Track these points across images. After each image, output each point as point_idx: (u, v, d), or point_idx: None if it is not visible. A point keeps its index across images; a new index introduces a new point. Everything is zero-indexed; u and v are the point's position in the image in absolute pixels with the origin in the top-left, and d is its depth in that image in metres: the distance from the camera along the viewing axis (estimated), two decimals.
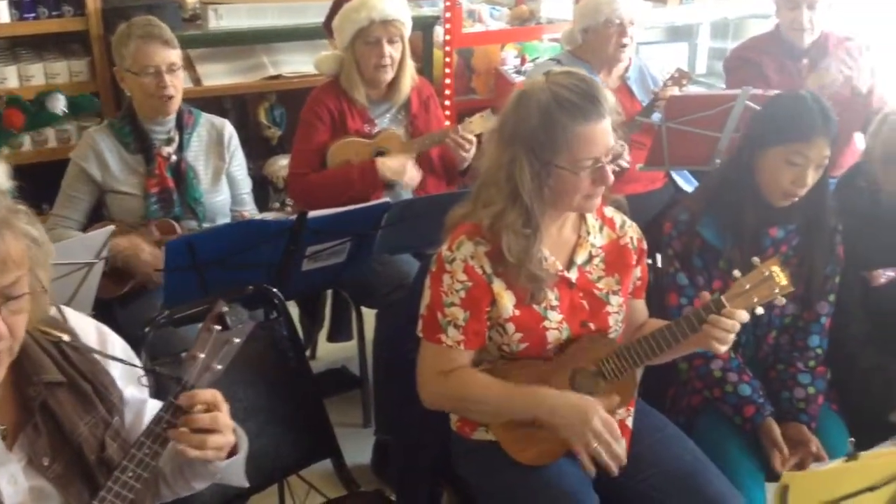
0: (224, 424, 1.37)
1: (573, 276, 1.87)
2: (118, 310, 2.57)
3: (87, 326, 1.48)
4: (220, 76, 3.92)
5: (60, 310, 1.45)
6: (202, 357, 1.37)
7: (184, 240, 2.33)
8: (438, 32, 4.13)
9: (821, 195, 2.09)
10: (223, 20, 3.81)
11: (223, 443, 1.38)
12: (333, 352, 3.45)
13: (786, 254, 2.12)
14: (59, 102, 3.59)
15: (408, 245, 2.83)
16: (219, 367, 1.38)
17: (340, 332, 3.35)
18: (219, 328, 1.39)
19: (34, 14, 3.64)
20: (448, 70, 4.06)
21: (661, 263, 2.20)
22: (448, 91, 4.06)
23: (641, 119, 2.96)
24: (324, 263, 2.57)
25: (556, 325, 1.85)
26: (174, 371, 1.37)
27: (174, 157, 2.68)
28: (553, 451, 1.85)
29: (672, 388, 2.25)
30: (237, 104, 4.13)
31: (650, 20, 4.30)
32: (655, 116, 2.94)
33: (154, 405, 1.48)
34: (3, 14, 3.56)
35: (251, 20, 3.87)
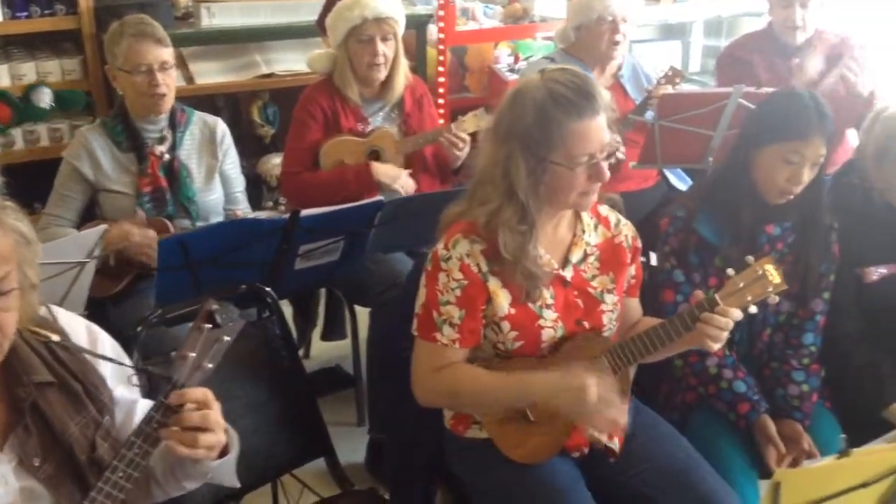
0: (215, 423, 1.37)
1: (568, 275, 1.87)
2: (111, 309, 2.56)
3: (78, 326, 1.48)
4: (213, 74, 3.91)
5: (50, 309, 1.45)
6: (192, 356, 1.36)
7: (176, 238, 2.33)
8: (432, 30, 4.12)
9: (817, 193, 2.09)
10: (216, 18, 3.81)
11: (214, 441, 1.38)
12: (327, 351, 3.45)
13: (781, 251, 2.12)
14: (46, 96, 3.59)
15: (401, 244, 2.82)
16: (209, 366, 1.38)
17: (334, 331, 3.34)
18: (209, 326, 1.39)
19: (26, 13, 3.63)
20: (441, 68, 4.05)
21: (657, 260, 2.20)
22: (442, 89, 4.06)
23: (634, 117, 2.96)
24: (317, 262, 2.57)
25: (551, 324, 1.85)
26: (165, 370, 1.37)
27: (167, 156, 2.67)
28: (546, 449, 1.86)
29: (665, 385, 2.25)
30: (230, 102, 4.13)
31: (643, 18, 4.30)
32: (648, 115, 2.94)
33: (145, 405, 1.48)
34: None
35: (244, 18, 3.87)
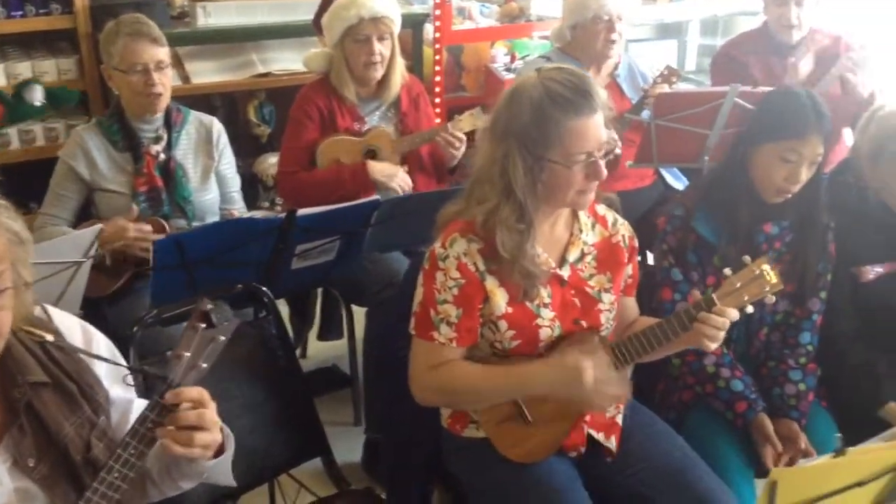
0: (211, 422, 1.37)
1: (565, 274, 1.88)
2: (107, 309, 2.56)
3: (73, 326, 1.48)
4: (209, 74, 3.90)
5: (45, 309, 1.45)
6: (187, 356, 1.36)
7: (172, 238, 2.33)
8: (428, 30, 4.12)
9: (814, 192, 2.09)
10: (212, 17, 3.80)
11: (210, 440, 1.38)
12: (324, 350, 3.44)
13: (779, 250, 2.13)
14: (37, 93, 3.58)
15: (398, 243, 2.82)
16: (204, 366, 1.38)
17: (331, 331, 3.34)
18: (204, 326, 1.39)
19: (21, 12, 3.62)
20: (438, 67, 4.05)
21: (655, 258, 2.20)
22: (438, 88, 4.06)
23: (631, 116, 2.96)
24: (313, 262, 2.57)
25: (549, 323, 1.85)
26: (161, 370, 1.36)
27: (163, 156, 2.67)
28: (543, 448, 1.86)
29: (662, 384, 2.26)
30: (226, 102, 4.12)
31: (640, 17, 4.31)
32: (645, 114, 2.94)
33: (141, 404, 1.48)
34: None
35: (240, 17, 3.86)
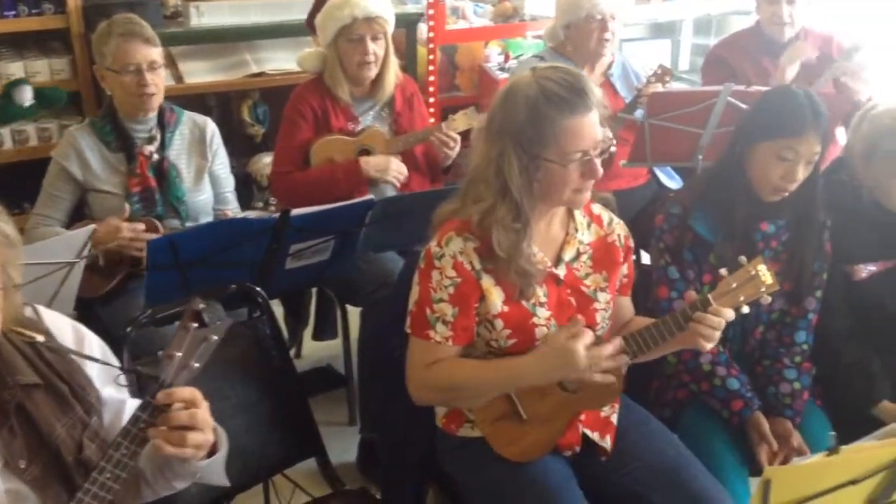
0: (203, 422, 1.36)
1: (561, 273, 1.88)
2: (100, 309, 2.55)
3: (64, 326, 1.47)
4: (203, 74, 3.90)
5: (36, 310, 1.44)
6: (179, 355, 1.36)
7: (166, 239, 2.32)
8: (422, 29, 4.12)
9: (811, 191, 2.10)
10: (205, 17, 3.79)
11: (202, 440, 1.37)
12: (318, 350, 3.44)
13: (776, 249, 2.13)
14: (27, 94, 3.57)
15: (392, 242, 2.82)
16: (196, 365, 1.37)
17: (325, 331, 3.34)
18: (196, 326, 1.38)
19: (14, 12, 3.61)
20: (432, 67, 4.05)
21: (652, 256, 2.21)
22: (432, 88, 4.06)
23: (624, 116, 2.97)
24: (308, 261, 2.57)
25: (545, 322, 1.85)
26: (153, 370, 1.36)
27: (156, 156, 2.66)
28: (539, 447, 1.86)
29: (656, 382, 2.26)
30: (220, 102, 4.11)
31: (633, 17, 4.32)
32: (638, 113, 2.94)
33: (134, 405, 1.47)
34: None
35: (233, 17, 3.85)
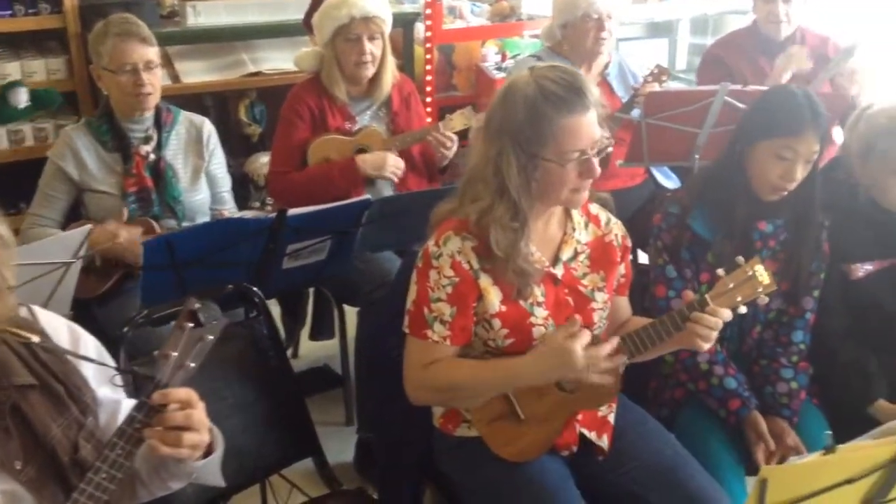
0: (199, 422, 1.36)
1: (559, 273, 1.88)
2: (97, 309, 2.55)
3: (60, 326, 1.47)
4: (200, 73, 3.90)
5: (31, 310, 1.44)
6: (175, 355, 1.35)
7: (162, 238, 2.32)
8: (419, 29, 4.12)
9: (810, 191, 2.10)
10: (201, 17, 3.79)
11: (198, 441, 1.37)
12: (315, 350, 3.44)
13: (773, 248, 2.13)
14: (22, 96, 3.56)
15: (390, 242, 2.82)
16: (192, 365, 1.37)
17: (322, 331, 3.33)
18: (191, 326, 1.38)
19: (10, 11, 3.61)
20: (429, 67, 4.05)
21: (650, 255, 2.21)
22: (429, 88, 4.05)
23: (621, 115, 2.97)
24: (304, 261, 2.56)
25: (542, 322, 1.84)
26: (149, 370, 1.36)
27: (152, 156, 2.66)
28: (536, 447, 1.86)
29: (654, 381, 2.26)
30: (217, 101, 4.11)
31: (630, 16, 4.32)
32: (635, 113, 2.94)
33: (130, 405, 1.47)
34: None
35: (230, 17, 3.85)
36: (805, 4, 3.20)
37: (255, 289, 2.08)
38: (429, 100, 4.01)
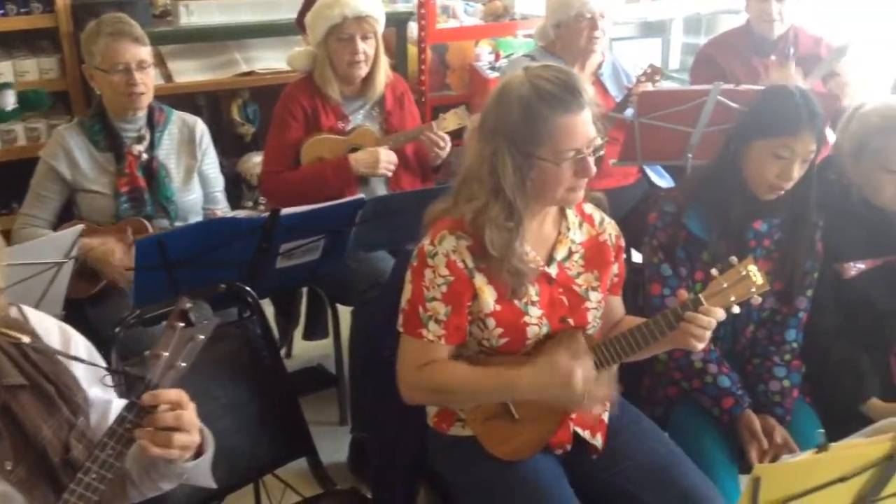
0: (189, 423, 1.36)
1: (553, 272, 1.88)
2: (89, 309, 2.54)
3: (50, 326, 1.46)
4: (192, 73, 3.89)
5: (22, 310, 1.43)
6: (166, 355, 1.35)
7: (155, 238, 2.31)
8: (412, 28, 4.12)
9: (805, 190, 2.10)
10: (194, 16, 3.77)
11: (188, 442, 1.37)
12: (309, 350, 3.44)
13: (768, 248, 2.14)
14: (10, 98, 3.55)
15: (383, 242, 2.82)
16: (183, 365, 1.36)
17: (316, 331, 3.33)
18: (182, 325, 1.37)
19: (2, 11, 3.58)
20: (423, 66, 4.05)
21: (644, 254, 2.21)
22: (423, 87, 4.05)
23: (615, 115, 2.97)
24: (298, 261, 2.56)
25: (537, 321, 1.85)
26: (140, 370, 1.35)
27: (145, 156, 2.65)
28: (530, 446, 1.86)
29: (647, 379, 2.26)
30: (210, 101, 4.10)
31: (623, 16, 4.32)
32: (628, 112, 2.95)
33: (121, 405, 1.46)
34: None
35: (223, 16, 3.84)
36: (798, 3, 3.20)
37: (248, 288, 2.08)
38: (423, 99, 4.01)
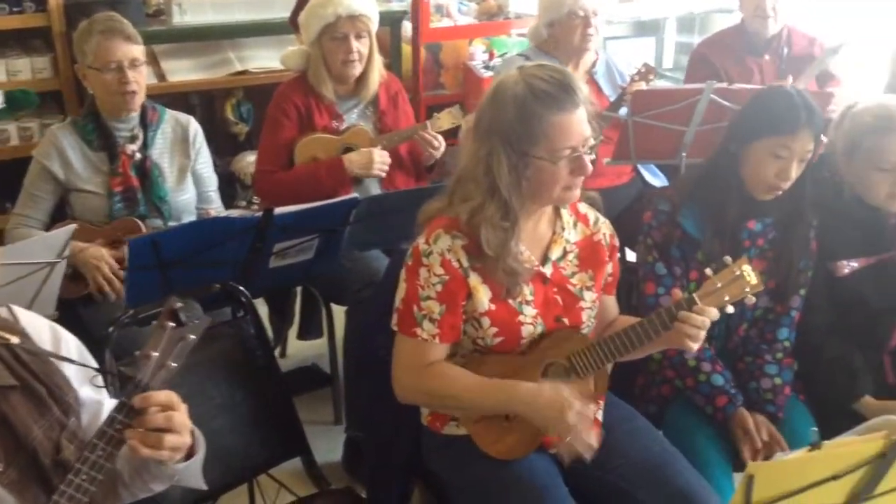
0: (180, 424, 1.35)
1: (548, 272, 1.88)
2: (82, 310, 2.53)
3: (41, 327, 1.46)
4: (186, 72, 3.88)
5: (12, 310, 1.43)
6: (156, 355, 1.34)
7: (148, 238, 2.30)
8: (406, 27, 4.11)
9: (801, 190, 2.10)
10: (187, 15, 3.77)
11: (179, 443, 1.36)
12: (304, 349, 3.43)
13: (762, 247, 2.14)
14: None
15: (377, 241, 2.81)
16: (174, 365, 1.36)
17: (310, 330, 3.33)
18: (172, 325, 1.36)
19: None
20: (418, 65, 4.05)
21: (639, 253, 2.21)
22: (417, 86, 4.05)
23: (609, 113, 2.97)
24: (292, 260, 2.56)
25: (531, 320, 1.85)
26: (131, 370, 1.35)
27: (138, 155, 2.65)
28: (524, 445, 1.86)
29: (641, 378, 2.27)
30: (204, 100, 4.10)
31: (617, 15, 4.33)
32: (622, 111, 2.95)
33: (112, 405, 1.46)
34: None
35: (216, 15, 3.83)
36: (792, 1, 3.21)
37: (242, 288, 2.07)
38: (417, 98, 4.00)
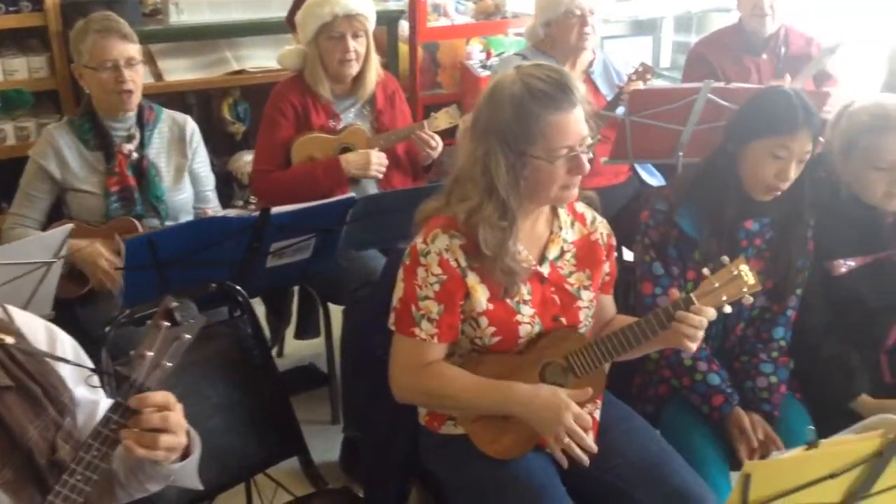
0: (176, 424, 1.35)
1: (545, 271, 1.88)
2: (79, 310, 2.53)
3: (37, 326, 1.45)
4: (182, 71, 3.87)
5: (7, 310, 1.42)
6: (151, 355, 1.34)
7: (145, 238, 2.30)
8: (403, 26, 4.11)
9: (800, 190, 2.11)
10: (184, 14, 3.76)
11: (174, 443, 1.36)
12: (301, 349, 3.43)
13: (759, 247, 2.14)
14: None
15: (374, 240, 2.81)
16: (169, 365, 1.35)
17: (307, 330, 3.33)
18: (167, 324, 1.36)
19: None
20: (414, 65, 4.04)
21: (636, 252, 2.21)
22: (414, 86, 4.05)
23: (606, 113, 2.97)
24: (289, 260, 2.56)
25: (529, 320, 1.85)
26: (126, 370, 1.34)
27: (135, 155, 2.64)
28: (522, 444, 1.86)
29: (638, 377, 2.27)
30: (201, 100, 4.09)
31: (614, 14, 4.33)
32: (620, 110, 2.95)
33: (108, 405, 1.45)
34: None
35: (213, 14, 3.83)
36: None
37: (239, 287, 2.07)
38: (414, 98, 4.00)
